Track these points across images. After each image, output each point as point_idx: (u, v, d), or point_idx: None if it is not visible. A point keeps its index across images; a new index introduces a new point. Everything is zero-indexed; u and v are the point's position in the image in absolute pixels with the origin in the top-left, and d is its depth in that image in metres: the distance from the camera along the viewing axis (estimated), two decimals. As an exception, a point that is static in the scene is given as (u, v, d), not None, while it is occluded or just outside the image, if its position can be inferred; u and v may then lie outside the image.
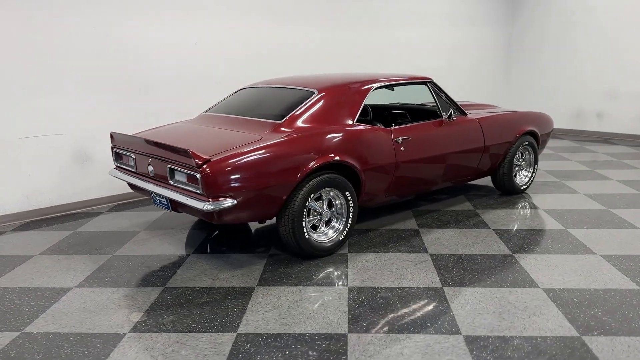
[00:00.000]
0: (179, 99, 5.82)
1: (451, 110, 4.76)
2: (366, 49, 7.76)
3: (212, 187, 3.29)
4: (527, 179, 5.60)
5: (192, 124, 4.38)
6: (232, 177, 3.34)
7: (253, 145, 3.51)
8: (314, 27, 7.05)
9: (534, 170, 5.62)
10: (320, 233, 3.90)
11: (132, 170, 4.08)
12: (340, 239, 3.96)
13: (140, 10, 5.46)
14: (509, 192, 5.49)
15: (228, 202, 3.34)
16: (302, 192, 3.64)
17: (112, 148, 4.30)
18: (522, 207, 5.07)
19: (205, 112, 4.59)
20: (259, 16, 6.44)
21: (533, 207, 5.08)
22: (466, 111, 5.21)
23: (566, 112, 9.72)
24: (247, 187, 3.40)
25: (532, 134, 5.52)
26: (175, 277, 3.61)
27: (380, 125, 4.40)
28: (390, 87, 4.49)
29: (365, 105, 5.09)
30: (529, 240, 4.17)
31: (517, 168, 5.54)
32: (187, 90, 5.91)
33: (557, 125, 9.71)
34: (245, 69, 6.31)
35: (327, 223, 3.98)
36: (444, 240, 4.21)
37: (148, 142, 3.74)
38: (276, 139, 3.63)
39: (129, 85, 5.50)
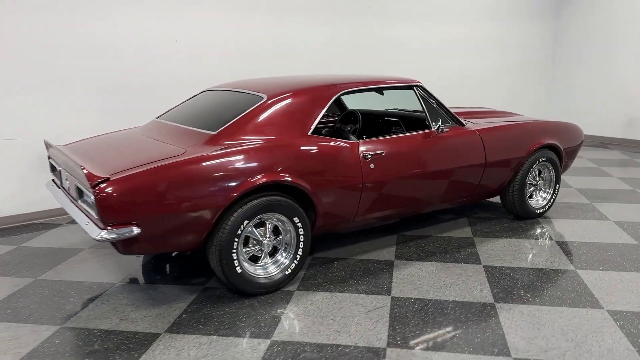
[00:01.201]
0: (160, 100, 5.33)
1: (440, 120, 4.00)
2: (382, 48, 7.02)
3: (108, 212, 2.73)
4: (545, 202, 4.73)
5: (131, 132, 3.85)
6: (135, 200, 2.77)
7: (169, 161, 2.93)
8: (319, 22, 6.39)
9: (554, 191, 4.74)
10: (259, 266, 3.27)
11: (58, 185, 3.61)
12: (287, 273, 3.31)
13: (117, 5, 5.00)
14: (522, 217, 4.65)
15: (129, 231, 2.77)
16: (232, 219, 3.03)
17: (48, 158, 3.85)
18: (531, 237, 4.23)
19: (158, 117, 4.05)
20: (250, 11, 5.86)
21: (544, 237, 4.23)
22: (468, 121, 4.43)
23: (617, 119, 8.58)
24: (154, 212, 2.82)
25: (553, 147, 4.65)
26: (82, 313, 3.09)
27: (353, 138, 3.71)
28: (363, 92, 3.78)
29: (354, 111, 4.42)
30: (522, 284, 3.38)
31: (532, 188, 4.69)
32: (169, 91, 5.42)
33: (606, 133, 8.60)
34: (233, 69, 5.76)
35: (273, 254, 3.34)
36: (418, 278, 3.48)
37: (63, 154, 3.24)
38: (202, 153, 3.03)
39: (104, 85, 5.06)
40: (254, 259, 3.28)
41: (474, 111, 5.16)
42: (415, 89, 4.00)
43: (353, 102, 5.47)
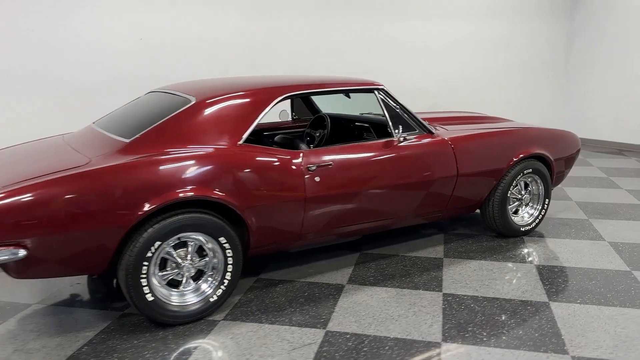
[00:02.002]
0: (124, 101, 4.99)
1: (403, 127, 3.57)
2: (381, 47, 6.58)
3: (-14, 233, 2.39)
4: (531, 218, 4.24)
5: (55, 140, 3.53)
6: (19, 218, 2.43)
7: (62, 174, 2.58)
8: (311, 18, 5.98)
9: (543, 207, 4.25)
10: (176, 293, 2.90)
11: None
12: (212, 300, 2.94)
13: (75, 2, 4.70)
14: (504, 234, 4.17)
15: (12, 253, 2.44)
16: (140, 240, 2.67)
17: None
18: (508, 260, 3.76)
19: (94, 122, 3.72)
20: (226, 6, 5.49)
21: (523, 260, 3.75)
22: (443, 127, 4.00)
23: (635, 124, 7.94)
24: (43, 231, 2.48)
25: (541, 158, 4.16)
26: (-24, 341, 2.76)
27: (303, 147, 3.32)
28: (311, 95, 3.38)
29: (323, 115, 4.01)
30: (480, 319, 2.93)
31: (517, 203, 4.20)
32: (132, 93, 5.09)
33: (623, 139, 7.97)
34: (203, 68, 5.41)
35: (199, 277, 2.97)
36: (364, 307, 3.06)
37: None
38: (106, 164, 2.67)
39: (60, 87, 4.78)
40: (172, 284, 2.91)
41: (455, 117, 4.70)
42: (376, 92, 3.57)
43: (329, 105, 5.06)
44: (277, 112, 4.46)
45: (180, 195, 2.71)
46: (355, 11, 6.36)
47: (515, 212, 4.25)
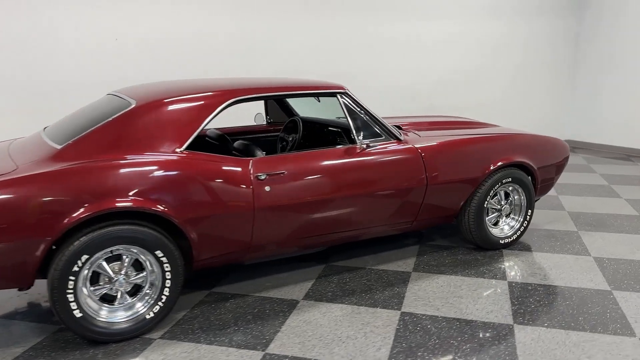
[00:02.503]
0: None
1: (368, 133, 3.36)
2: (374, 46, 6.36)
3: None
4: (512, 230, 3.99)
5: (4, 144, 3.39)
6: None
7: (-19, 184, 2.44)
8: (294, 16, 5.79)
9: (525, 218, 4.00)
10: (106, 310, 2.74)
11: None
12: (149, 317, 2.78)
13: (47, 1, 4.59)
14: (483, 247, 3.93)
15: None
16: (66, 253, 2.52)
17: None
18: (480, 275, 3.52)
19: (45, 127, 3.59)
20: (204, 3, 5.34)
21: (497, 275, 3.51)
22: (415, 133, 3.79)
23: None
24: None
25: (523, 166, 3.91)
26: None
27: (259, 154, 3.14)
28: (265, 99, 3.19)
29: (295, 119, 3.85)
30: (434, 342, 2.72)
31: (496, 214, 3.96)
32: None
33: (633, 144, 7.61)
34: (181, 69, 5.26)
35: (137, 292, 2.81)
36: (313, 327, 2.87)
37: None
38: (31, 172, 2.53)
39: (32, 88, 4.67)
40: (107, 300, 2.75)
41: (436, 122, 4.47)
42: (338, 96, 3.37)
43: (307, 108, 4.86)
44: (234, 115, 4.28)
45: (107, 206, 2.55)
46: (348, 10, 6.15)
47: (496, 224, 4.00)
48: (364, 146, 3.34)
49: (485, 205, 3.79)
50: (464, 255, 3.88)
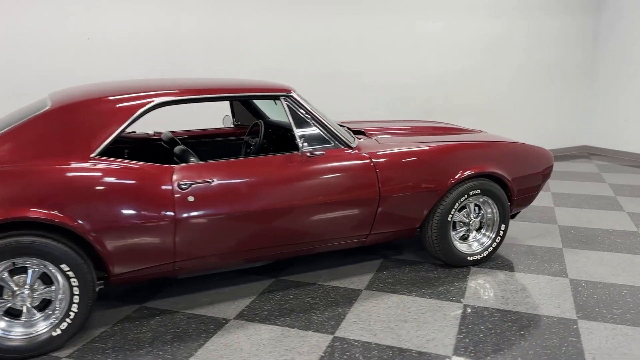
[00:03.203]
0: None
1: (311, 139, 3.11)
2: (368, 45, 6.07)
3: None
4: (481, 247, 3.67)
5: None
6: None
7: None
8: (278, 14, 5.56)
9: (498, 234, 3.66)
10: (10, 324, 2.58)
11: None
12: (55, 334, 2.61)
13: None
14: (449, 263, 3.62)
15: None
16: (-42, 266, 2.36)
17: None
18: (435, 296, 3.23)
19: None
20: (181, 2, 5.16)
21: (453, 297, 3.21)
22: (375, 139, 3.52)
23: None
24: None
25: (496, 178, 3.58)
26: None
27: (193, 160, 2.94)
28: (195, 102, 2.97)
29: (258, 122, 3.67)
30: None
31: (464, 228, 3.64)
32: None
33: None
34: (154, 69, 5.09)
35: (45, 308, 2.65)
36: (230, 351, 2.66)
37: None
38: None
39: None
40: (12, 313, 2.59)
41: (408, 127, 4.18)
42: (282, 99, 3.13)
43: (277, 110, 4.62)
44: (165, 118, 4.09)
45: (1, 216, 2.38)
46: (337, 5, 5.87)
47: (466, 238, 3.68)
48: (308, 153, 3.08)
49: (449, 219, 3.48)
50: (427, 272, 3.57)
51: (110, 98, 2.78)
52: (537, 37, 7.23)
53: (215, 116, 4.61)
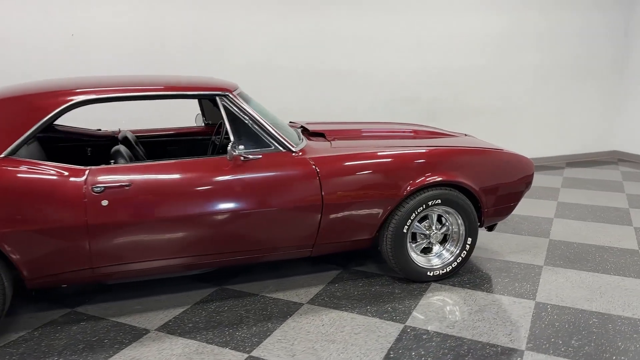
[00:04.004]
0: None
1: (244, 142, 2.92)
2: (370, 41, 5.82)
3: None
4: (442, 262, 3.38)
5: None
6: None
7: None
8: (275, 9, 5.39)
9: (464, 247, 3.36)
10: None
11: None
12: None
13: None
14: (408, 278, 3.35)
15: None
16: None
17: None
18: (380, 314, 2.98)
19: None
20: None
21: (397, 316, 2.95)
22: (331, 142, 3.31)
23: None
24: None
25: (461, 187, 3.29)
26: None
27: (121, 162, 2.83)
28: (117, 100, 2.83)
29: (222, 122, 3.51)
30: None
31: (425, 241, 3.36)
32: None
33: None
34: (144, 66, 5.01)
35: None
36: (131, 366, 2.49)
37: None
38: None
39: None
40: None
41: (380, 130, 3.92)
42: (219, 99, 2.95)
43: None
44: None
45: None
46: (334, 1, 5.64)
47: (428, 251, 3.40)
48: (241, 157, 2.89)
49: (404, 231, 3.21)
50: (382, 287, 3.32)
51: (24, 97, 2.68)
52: (558, 33, 6.73)
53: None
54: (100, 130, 3.98)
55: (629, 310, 2.98)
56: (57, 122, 3.89)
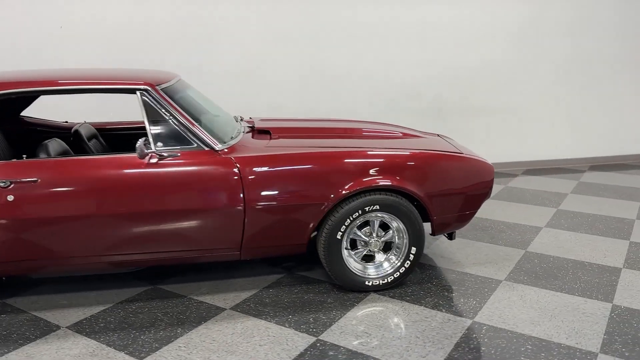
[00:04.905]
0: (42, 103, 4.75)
1: (166, 139, 2.83)
2: (374, 32, 5.61)
3: None
4: (380, 272, 3.17)
5: None
6: None
7: None
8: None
9: (407, 257, 3.14)
10: None
11: None
12: None
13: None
14: (344, 287, 3.17)
15: None
16: None
17: None
18: (297, 325, 2.83)
19: None
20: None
21: (314, 329, 2.78)
22: (269, 141, 3.16)
23: None
24: None
25: (406, 194, 3.06)
26: None
27: (43, 156, 2.81)
28: (28, 95, 2.80)
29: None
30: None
31: (365, 249, 3.16)
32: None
33: None
34: (139, 59, 5.01)
35: None
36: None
37: None
38: None
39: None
40: None
41: (338, 128, 3.73)
42: (139, 93, 2.87)
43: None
44: None
45: None
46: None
47: (370, 260, 3.20)
48: (158, 155, 2.80)
49: (339, 237, 3.02)
50: (316, 295, 3.15)
51: None
52: (589, 21, 6.19)
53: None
54: (67, 122, 3.99)
55: (573, 338, 2.66)
56: (26, 113, 3.94)
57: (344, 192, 2.95)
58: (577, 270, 3.49)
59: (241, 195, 2.86)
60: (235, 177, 2.85)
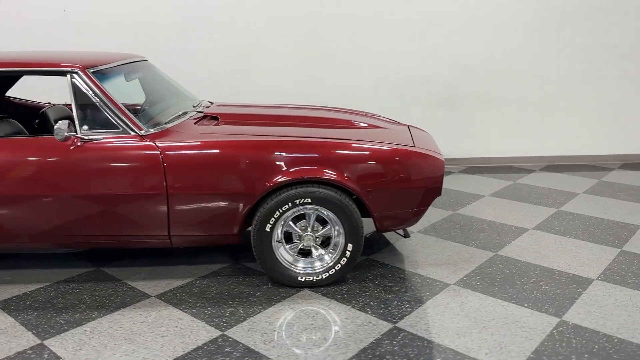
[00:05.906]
0: (45, 87, 4.87)
1: (92, 122, 2.83)
2: (381, 20, 5.42)
3: None
4: (314, 267, 3.03)
5: None
6: None
7: None
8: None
9: (343, 254, 2.99)
10: None
11: None
12: None
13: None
14: (277, 281, 3.08)
15: None
16: None
17: None
18: (210, 319, 2.75)
19: None
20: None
21: (225, 324, 2.70)
22: (214, 127, 3.11)
23: None
24: None
25: (342, 187, 2.91)
26: None
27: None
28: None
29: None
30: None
31: (299, 243, 3.04)
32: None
33: None
34: (142, 44, 5.08)
35: None
36: None
37: None
38: None
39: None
40: None
41: (299, 116, 3.61)
42: (69, 76, 2.87)
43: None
44: None
45: None
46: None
47: (308, 255, 3.07)
48: (81, 138, 2.80)
49: (268, 230, 2.91)
50: (249, 287, 3.07)
51: None
52: (617, 10, 5.65)
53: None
54: (49, 103, 4.09)
55: (493, 355, 2.42)
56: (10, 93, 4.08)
57: (269, 184, 2.82)
58: (542, 279, 3.18)
59: (163, 182, 2.81)
60: (158, 164, 2.80)
